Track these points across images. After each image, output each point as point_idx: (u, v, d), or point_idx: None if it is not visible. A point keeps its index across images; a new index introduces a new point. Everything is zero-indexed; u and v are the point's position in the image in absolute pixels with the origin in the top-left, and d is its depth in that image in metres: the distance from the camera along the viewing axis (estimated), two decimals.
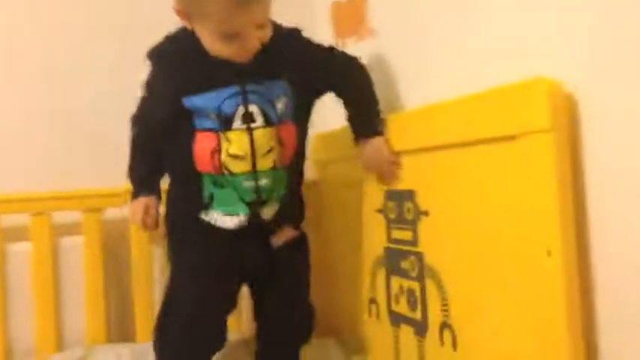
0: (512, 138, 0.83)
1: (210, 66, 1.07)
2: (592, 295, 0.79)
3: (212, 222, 1.11)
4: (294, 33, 1.15)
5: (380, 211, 1.19)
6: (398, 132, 1.10)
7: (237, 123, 1.06)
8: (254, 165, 1.07)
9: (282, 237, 1.15)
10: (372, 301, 1.25)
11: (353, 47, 1.39)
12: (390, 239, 1.17)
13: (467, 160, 0.94)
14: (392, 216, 1.15)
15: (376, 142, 1.12)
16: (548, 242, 0.78)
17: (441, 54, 1.09)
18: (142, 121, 1.17)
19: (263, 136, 1.06)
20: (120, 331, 1.43)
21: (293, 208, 1.17)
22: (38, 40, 1.43)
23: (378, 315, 1.23)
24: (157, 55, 1.11)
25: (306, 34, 1.20)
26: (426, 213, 1.05)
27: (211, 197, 1.10)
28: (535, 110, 0.79)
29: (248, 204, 1.09)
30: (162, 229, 1.18)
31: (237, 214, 1.10)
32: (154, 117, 1.14)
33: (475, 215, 0.93)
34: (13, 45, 1.40)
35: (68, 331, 1.37)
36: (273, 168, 1.08)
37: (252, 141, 1.06)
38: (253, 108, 1.06)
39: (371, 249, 1.24)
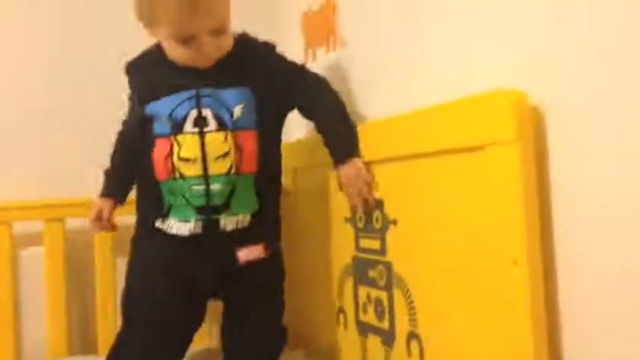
0: (478, 148, 0.84)
1: (170, 73, 1.10)
2: (557, 304, 0.79)
3: (167, 230, 1.11)
4: (267, 46, 1.17)
5: (349, 220, 1.19)
6: (366, 142, 1.11)
7: (189, 127, 1.07)
8: (205, 169, 1.07)
9: (249, 254, 1.11)
10: (341, 310, 1.24)
11: (323, 57, 1.40)
12: (358, 248, 1.16)
13: (434, 170, 0.94)
14: (360, 225, 1.15)
15: (354, 163, 1.08)
16: (514, 251, 0.79)
17: (407, 65, 1.10)
18: (123, 127, 1.22)
19: (215, 140, 1.07)
20: (82, 343, 1.39)
21: (264, 223, 1.14)
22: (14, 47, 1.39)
23: (346, 325, 1.22)
24: (128, 67, 1.17)
25: (278, 41, 1.21)
26: (394, 222, 1.05)
27: (169, 206, 1.11)
28: (500, 121, 0.80)
29: (199, 210, 1.08)
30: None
31: (189, 221, 1.09)
32: (129, 125, 1.19)
33: (442, 225, 0.93)
34: None
35: (28, 343, 1.32)
36: (229, 173, 1.07)
37: (203, 144, 1.06)
38: (207, 112, 1.07)
39: (339, 258, 1.23)
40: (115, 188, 1.20)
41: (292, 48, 1.49)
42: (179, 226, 1.10)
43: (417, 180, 0.99)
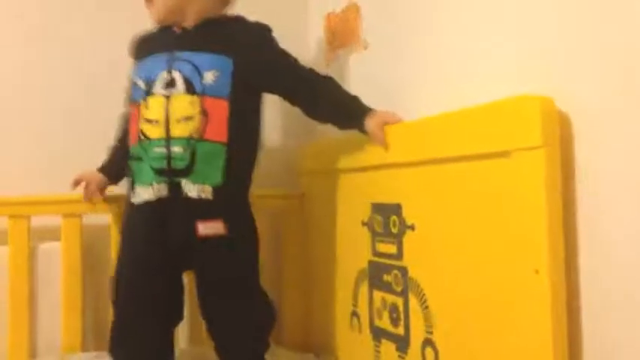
0: (502, 154, 0.82)
1: (155, 37, 1.16)
2: (579, 315, 0.78)
3: (136, 199, 1.10)
4: (259, 25, 1.16)
5: (365, 223, 1.18)
6: (387, 144, 1.09)
7: (158, 88, 1.08)
8: (167, 131, 1.06)
9: (206, 228, 1.07)
10: (354, 314, 1.23)
11: (346, 59, 1.39)
12: (374, 252, 1.15)
13: (456, 176, 0.93)
14: (377, 229, 1.14)
15: (376, 113, 1.09)
16: (536, 260, 0.77)
17: (431, 68, 1.09)
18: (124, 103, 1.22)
19: (180, 102, 1.06)
20: (95, 339, 1.39)
21: (229, 199, 1.09)
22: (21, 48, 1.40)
23: (359, 329, 1.21)
24: (131, 44, 1.22)
25: (299, 43, 1.22)
26: (411, 227, 1.04)
27: (133, 175, 1.12)
28: (526, 127, 0.78)
29: (160, 172, 1.07)
30: None
31: (151, 184, 1.08)
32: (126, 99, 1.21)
33: (462, 231, 0.91)
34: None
35: (42, 338, 1.32)
36: (191, 137, 1.05)
37: (167, 106, 1.06)
38: (176, 74, 1.07)
39: (355, 262, 1.22)
40: (105, 166, 1.25)
41: (315, 47, 1.49)
42: (143, 191, 1.09)
43: (438, 185, 0.97)
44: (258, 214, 1.26)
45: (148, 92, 1.08)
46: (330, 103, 1.14)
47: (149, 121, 1.08)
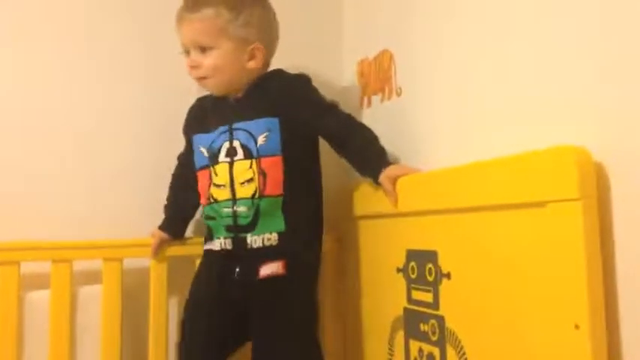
0: (539, 205, 0.81)
1: (212, 108, 1.28)
2: None
3: (206, 249, 1.27)
4: (299, 77, 1.26)
5: (400, 270, 1.17)
6: (422, 191, 1.09)
7: (222, 157, 1.22)
8: (233, 193, 1.19)
9: (266, 269, 1.18)
10: None
11: (378, 105, 1.40)
12: (409, 300, 1.14)
13: (492, 225, 0.92)
14: (413, 276, 1.13)
15: (393, 166, 1.16)
16: (576, 315, 0.75)
17: (465, 115, 1.09)
18: (178, 159, 1.39)
19: (241, 167, 1.19)
20: None
21: (291, 243, 1.19)
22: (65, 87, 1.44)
23: None
24: (190, 108, 1.36)
25: (333, 89, 1.32)
26: (447, 275, 1.03)
27: (209, 230, 1.28)
28: (563, 178, 0.78)
29: (227, 228, 1.21)
30: None
31: (219, 238, 1.23)
32: (181, 159, 1.38)
33: (499, 282, 0.90)
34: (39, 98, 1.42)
35: None
36: (253, 197, 1.18)
37: (231, 172, 1.20)
38: (236, 143, 1.20)
39: (390, 309, 1.21)
40: (165, 224, 1.36)
41: (349, 93, 1.51)
42: (214, 244, 1.25)
43: (474, 233, 0.97)
44: None
45: (215, 161, 1.22)
46: (356, 148, 1.22)
47: (217, 185, 1.22)
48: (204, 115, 1.30)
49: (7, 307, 1.26)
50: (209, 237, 1.28)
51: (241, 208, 1.19)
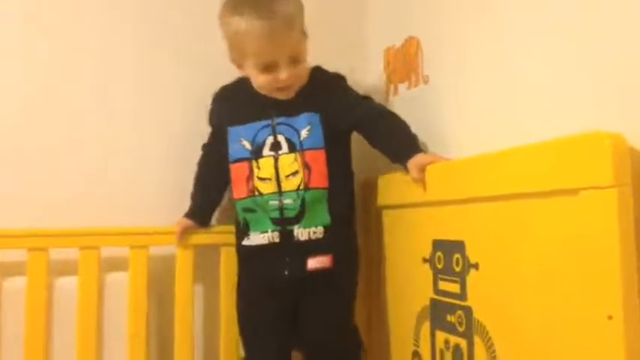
0: (571, 192, 0.79)
1: (253, 102, 1.27)
2: None
3: (251, 244, 1.26)
4: (338, 76, 1.31)
5: (427, 260, 1.16)
6: (449, 180, 1.08)
7: (266, 151, 1.24)
8: (279, 186, 1.22)
9: (316, 263, 1.21)
10: (416, 355, 1.20)
11: (405, 93, 1.38)
12: (436, 291, 1.12)
13: (522, 213, 0.90)
14: (439, 266, 1.12)
15: (423, 154, 1.16)
16: (609, 305, 0.73)
17: (495, 102, 1.07)
18: (203, 149, 1.40)
19: (286, 160, 1.22)
20: None
21: (336, 236, 1.23)
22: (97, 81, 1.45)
23: None
24: (217, 94, 1.36)
25: (358, 77, 1.35)
26: (475, 266, 1.01)
27: (247, 223, 1.26)
28: (597, 164, 0.75)
29: (274, 221, 1.22)
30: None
31: (266, 231, 1.23)
32: (208, 148, 1.39)
33: (529, 272, 0.88)
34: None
35: None
36: (298, 189, 1.21)
37: (276, 166, 1.22)
38: (280, 137, 1.23)
39: (416, 300, 1.19)
40: (190, 212, 1.37)
41: (374, 82, 1.49)
42: (257, 237, 1.24)
43: (503, 222, 0.94)
44: None
45: (258, 154, 1.24)
46: (387, 136, 1.23)
47: (262, 179, 1.23)
48: (236, 106, 1.30)
49: (36, 293, 1.28)
50: (244, 232, 1.27)
51: (287, 201, 1.21)
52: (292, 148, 1.22)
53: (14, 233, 1.28)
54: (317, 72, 1.29)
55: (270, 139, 1.24)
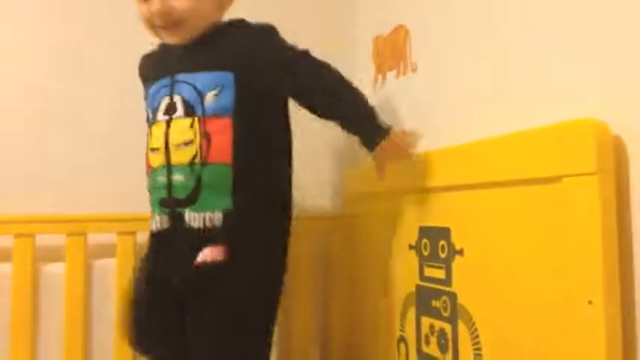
0: (554, 180, 0.80)
1: (158, 58, 1.09)
2: (636, 349, 0.74)
3: (151, 230, 1.04)
4: (263, 26, 1.04)
5: (413, 247, 1.17)
6: (435, 167, 1.08)
7: (160, 114, 1.00)
8: (168, 158, 0.98)
9: (206, 255, 0.95)
10: (401, 340, 1.21)
11: (393, 81, 1.39)
12: (422, 277, 1.14)
13: (506, 201, 0.91)
14: (425, 253, 1.13)
15: (389, 141, 1.04)
16: (590, 291, 0.74)
17: (482, 91, 1.08)
18: None
19: (179, 126, 0.97)
20: None
21: (239, 222, 0.97)
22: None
23: (407, 356, 1.19)
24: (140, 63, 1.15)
25: (347, 66, 1.19)
26: (460, 252, 1.02)
27: (151, 204, 1.05)
28: (580, 152, 0.76)
29: (162, 202, 1.00)
30: None
31: (155, 215, 1.02)
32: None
33: (513, 258, 0.89)
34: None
35: (96, 352, 1.34)
36: (193, 163, 0.96)
37: (167, 132, 0.98)
38: (177, 98, 0.99)
39: (402, 286, 1.20)
40: None
41: (363, 71, 1.50)
42: (152, 222, 1.03)
43: (487, 210, 0.96)
44: (302, 238, 1.25)
45: (154, 119, 1.02)
46: (345, 113, 1.04)
47: (153, 150, 1.01)
48: (151, 62, 1.11)
49: (22, 279, 1.28)
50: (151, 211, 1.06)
51: (177, 177, 0.96)
52: (189, 111, 0.97)
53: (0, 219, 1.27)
54: (237, 23, 1.05)
55: (165, 100, 1.00)
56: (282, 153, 1.07)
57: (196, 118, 0.97)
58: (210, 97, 0.97)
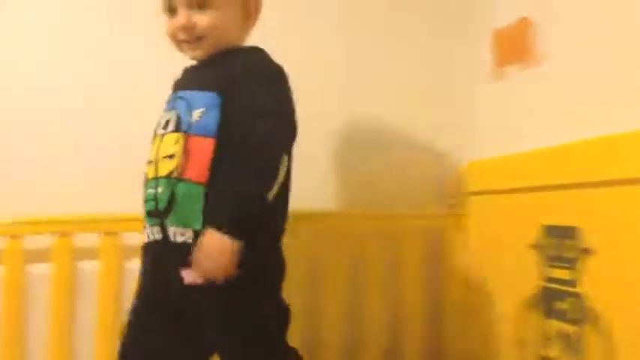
0: None
1: (180, 75, 1.10)
2: None
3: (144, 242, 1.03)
4: (269, 65, 1.03)
5: (534, 246, 1.12)
6: (561, 164, 1.04)
7: (159, 129, 1.02)
8: (156, 171, 0.98)
9: (188, 276, 0.93)
10: (521, 343, 1.17)
11: (515, 75, 1.34)
12: (545, 278, 1.09)
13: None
14: (550, 253, 1.08)
15: (213, 237, 0.89)
16: None
17: (612, 85, 1.02)
18: None
19: (168, 141, 0.98)
20: None
21: None
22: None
23: (525, 359, 1.14)
24: None
25: (464, 61, 1.15)
26: (589, 251, 0.97)
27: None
28: None
29: (149, 213, 0.99)
30: None
31: (145, 227, 1.01)
32: None
33: None
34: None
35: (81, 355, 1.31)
36: (170, 176, 0.95)
37: (159, 146, 1.00)
38: (172, 115, 1.00)
39: (522, 287, 1.16)
40: None
41: (481, 67, 1.46)
42: (145, 233, 1.02)
43: (619, 208, 0.90)
44: (412, 236, 1.27)
45: (155, 133, 1.04)
46: (226, 182, 0.93)
47: (148, 162, 1.02)
48: (175, 81, 1.12)
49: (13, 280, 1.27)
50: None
51: (160, 190, 0.96)
52: (178, 126, 0.98)
53: None
54: (253, 50, 1.05)
55: (166, 115, 1.02)
56: None
57: (182, 134, 0.97)
58: (196, 115, 0.98)
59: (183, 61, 1.09)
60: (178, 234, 0.95)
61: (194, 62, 1.09)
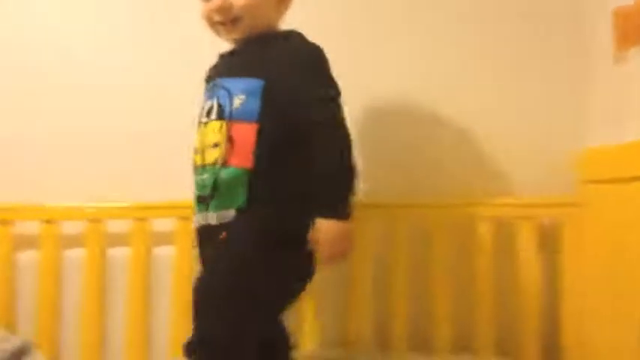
0: None
1: (215, 63, 1.15)
2: None
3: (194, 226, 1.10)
4: (310, 47, 1.06)
5: None
6: None
7: (203, 117, 1.06)
8: (203, 159, 1.03)
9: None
10: None
11: (637, 57, 1.18)
12: None
13: None
14: None
15: (328, 226, 0.97)
16: None
17: None
18: None
19: (211, 129, 1.03)
20: None
21: (249, 226, 0.99)
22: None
23: None
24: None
25: (581, 43, 1.19)
26: None
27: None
28: None
29: (198, 199, 1.05)
30: None
31: (195, 213, 1.06)
32: None
33: None
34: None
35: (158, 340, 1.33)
36: (215, 164, 1.00)
37: (203, 134, 1.04)
38: (215, 101, 1.04)
39: None
40: None
41: (599, 50, 1.32)
42: (194, 219, 1.08)
43: None
44: (524, 224, 1.23)
45: (198, 121, 1.08)
46: (317, 172, 1.00)
47: (195, 150, 1.07)
48: (210, 69, 1.17)
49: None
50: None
51: (205, 176, 1.02)
52: (221, 114, 1.02)
53: None
54: (286, 33, 1.09)
55: (208, 103, 1.06)
56: (296, 164, 1.03)
57: (225, 122, 1.01)
58: (238, 101, 1.01)
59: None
60: (214, 217, 1.01)
61: (228, 49, 1.13)
